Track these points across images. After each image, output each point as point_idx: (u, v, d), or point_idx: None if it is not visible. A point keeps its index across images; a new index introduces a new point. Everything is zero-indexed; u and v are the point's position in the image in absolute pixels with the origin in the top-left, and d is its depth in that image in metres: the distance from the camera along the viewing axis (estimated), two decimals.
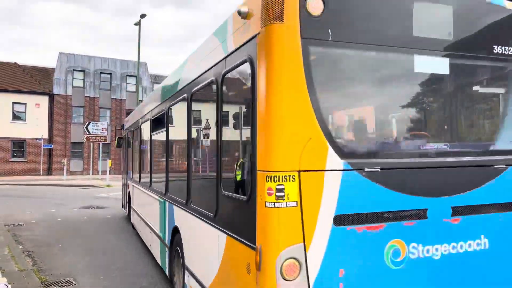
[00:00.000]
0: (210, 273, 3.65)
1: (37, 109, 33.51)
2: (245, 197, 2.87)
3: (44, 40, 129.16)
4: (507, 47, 3.29)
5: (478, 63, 3.31)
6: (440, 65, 3.11)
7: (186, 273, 4.55)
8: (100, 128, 29.04)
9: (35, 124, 33.21)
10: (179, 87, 5.07)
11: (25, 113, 33.24)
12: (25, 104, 33.09)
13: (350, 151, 2.81)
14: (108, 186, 23.39)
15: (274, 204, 2.53)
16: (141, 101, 35.37)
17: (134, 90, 35.59)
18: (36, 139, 33.00)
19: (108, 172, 25.15)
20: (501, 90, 3.54)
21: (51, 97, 34.01)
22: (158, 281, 6.04)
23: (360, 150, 2.92)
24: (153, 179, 6.94)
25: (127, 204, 11.03)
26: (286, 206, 2.54)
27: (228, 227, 3.24)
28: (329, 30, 2.72)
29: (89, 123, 28.98)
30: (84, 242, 8.78)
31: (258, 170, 2.67)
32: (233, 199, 3.21)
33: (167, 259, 5.56)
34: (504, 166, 3.18)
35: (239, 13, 2.92)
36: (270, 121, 2.59)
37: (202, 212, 3.94)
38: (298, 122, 2.58)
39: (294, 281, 2.53)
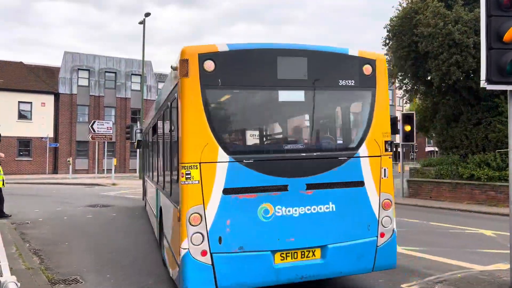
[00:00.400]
0: (170, 232, 5.45)
1: (43, 108, 33.66)
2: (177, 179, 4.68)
3: (49, 39, 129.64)
4: (349, 80, 5.00)
5: (327, 93, 5.14)
6: (297, 96, 4.99)
7: (163, 237, 6.36)
8: (105, 127, 29.14)
9: (41, 123, 33.36)
10: (159, 104, 7.20)
11: (30, 112, 33.40)
12: (30, 103, 33.25)
13: (234, 150, 4.64)
14: (113, 184, 23.44)
15: (185, 182, 4.38)
16: (145, 100, 35.53)
17: (139, 89, 35.65)
18: (42, 138, 33.15)
19: (113, 171, 25.22)
20: (343, 108, 5.50)
21: (57, 96, 34.14)
22: (165, 280, 6.03)
23: (240, 150, 4.85)
24: (153, 174, 8.80)
25: (144, 196, 12.85)
26: (192, 183, 4.38)
27: (174, 200, 5.02)
28: (219, 80, 4.53)
29: (94, 122, 29.08)
30: (90, 240, 8.79)
31: (179, 163, 4.49)
32: (176, 182, 4.82)
33: (158, 232, 7.45)
34: (345, 158, 4.97)
35: (171, 67, 4.94)
36: (183, 135, 4.43)
37: (167, 193, 5.89)
38: (199, 135, 4.41)
39: (197, 226, 4.37)
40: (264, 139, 5.42)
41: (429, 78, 17.76)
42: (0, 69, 33.10)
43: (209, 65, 4.48)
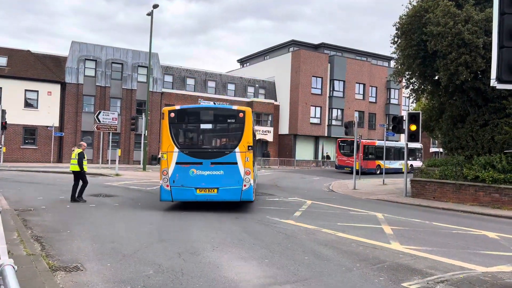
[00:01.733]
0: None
1: (49, 97, 33.73)
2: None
3: (56, 28, 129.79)
4: (232, 119, 11.88)
5: (221, 125, 12.56)
6: (208, 126, 12.31)
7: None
8: (111, 117, 29.16)
9: (47, 112, 33.45)
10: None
11: (37, 100, 33.48)
12: (37, 91, 33.32)
13: (181, 147, 11.52)
14: (117, 175, 23.50)
15: (162, 158, 11.57)
16: (151, 92, 35.57)
17: (145, 80, 35.62)
18: (48, 126, 33.24)
19: (117, 162, 25.27)
20: (229, 131, 12.51)
21: (63, 85, 34.20)
22: (165, 270, 6.03)
23: (183, 147, 11.62)
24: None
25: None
26: (163, 159, 11.48)
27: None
28: (175, 120, 11.61)
29: (99, 112, 29.12)
30: (92, 229, 8.81)
31: (161, 152, 11.76)
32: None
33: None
34: (229, 152, 11.52)
35: (161, 114, 13.80)
36: (162, 140, 11.74)
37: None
38: (167, 141, 11.48)
39: (165, 176, 11.35)
40: (194, 143, 12.53)
41: (436, 77, 17.62)
42: (7, 57, 33.18)
43: (172, 115, 11.56)
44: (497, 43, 4.96)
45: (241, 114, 11.52)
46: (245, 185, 11.27)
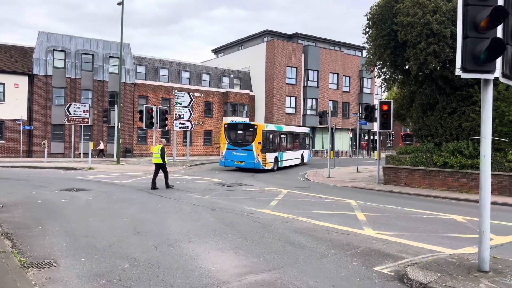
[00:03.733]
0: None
1: (16, 90, 32.54)
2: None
3: (23, 18, 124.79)
4: (251, 128, 23.79)
5: (247, 131, 24.15)
6: (240, 132, 24.34)
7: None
8: (82, 110, 28.46)
9: (14, 104, 32.30)
10: None
11: (3, 93, 32.24)
12: (3, 84, 32.07)
13: (229, 141, 23.97)
14: (90, 168, 23.05)
15: (220, 145, 25.62)
16: (124, 83, 34.88)
17: (117, 72, 34.85)
18: (16, 120, 32.14)
19: (90, 155, 24.76)
20: (249, 134, 23.96)
21: (31, 77, 33.04)
22: (141, 263, 6.01)
23: (230, 142, 23.95)
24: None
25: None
26: (220, 145, 25.36)
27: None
28: (227, 127, 24.92)
29: (70, 105, 28.36)
30: (65, 224, 8.65)
31: (221, 143, 25.06)
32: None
33: None
34: (250, 143, 23.31)
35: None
36: (221, 138, 24.92)
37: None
38: (223, 139, 24.25)
39: (222, 154, 24.34)
40: (234, 139, 23.96)
41: (407, 67, 18.01)
42: None
43: (226, 126, 24.46)
44: (461, 33, 5.13)
45: (255, 126, 23.66)
46: (256, 161, 23.04)
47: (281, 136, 26.94)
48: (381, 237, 7.90)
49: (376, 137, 20.79)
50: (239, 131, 23.90)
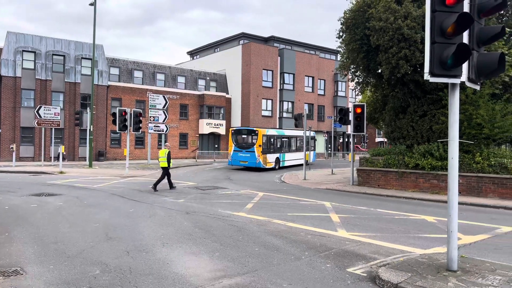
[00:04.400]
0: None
1: None
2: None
3: None
4: (253, 134, 27.64)
5: (249, 137, 28.31)
6: (244, 137, 28.58)
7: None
8: (53, 112, 27.71)
9: None
10: None
11: None
12: None
13: (235, 144, 28.05)
14: (61, 173, 22.44)
15: (229, 148, 29.04)
16: (96, 85, 34.15)
17: (89, 73, 34.13)
18: None
19: (61, 159, 24.11)
20: (251, 140, 28.16)
21: None
22: (113, 269, 5.88)
23: (235, 145, 28.02)
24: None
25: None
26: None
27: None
28: (234, 133, 29.11)
29: (40, 107, 27.56)
30: (33, 230, 8.37)
31: (229, 145, 29.12)
32: None
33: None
34: (252, 146, 27.21)
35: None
36: (229, 142, 29.00)
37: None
38: (231, 142, 28.44)
39: (230, 156, 28.48)
40: (240, 142, 28.10)
41: (379, 71, 18.37)
42: None
43: (232, 131, 28.65)
44: (429, 39, 5.27)
45: (256, 131, 27.32)
46: (257, 161, 26.75)
47: (283, 139, 30.80)
48: (354, 239, 8.01)
49: (351, 140, 21.13)
50: (243, 136, 28.48)
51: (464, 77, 5.40)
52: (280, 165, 29.24)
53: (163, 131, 30.26)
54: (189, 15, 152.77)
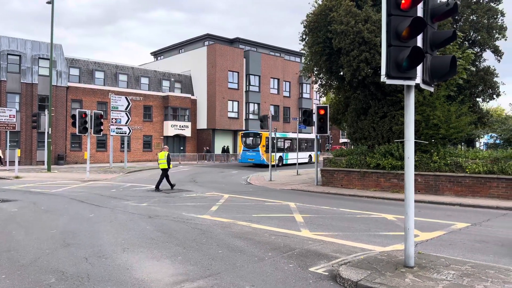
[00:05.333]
0: None
1: None
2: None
3: None
4: (258, 136, 33.52)
5: (254, 138, 34.12)
6: (250, 139, 34.34)
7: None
8: (7, 114, 26.51)
9: None
10: None
11: None
12: None
13: (244, 145, 33.85)
14: (16, 177, 21.45)
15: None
16: (55, 86, 32.90)
17: (47, 74, 32.85)
18: None
19: (16, 163, 23.04)
20: (256, 141, 33.95)
21: None
22: (70, 276, 5.66)
23: (245, 145, 33.90)
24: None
25: None
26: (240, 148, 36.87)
27: None
28: (242, 136, 35.22)
29: None
30: None
31: (239, 146, 35.54)
32: None
33: None
34: (257, 146, 33.13)
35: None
36: (239, 144, 36.24)
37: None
38: (240, 143, 34.75)
39: (239, 155, 34.96)
40: (248, 144, 33.86)
41: (341, 73, 18.77)
42: None
43: (241, 135, 35.06)
44: (386, 42, 5.43)
45: (261, 134, 32.55)
46: (262, 158, 31.94)
47: (286, 141, 36.62)
48: (317, 238, 8.11)
49: (315, 141, 21.57)
50: (250, 138, 34.24)
51: (419, 79, 5.60)
52: (283, 163, 35.01)
53: (125, 133, 29.57)
54: (152, 15, 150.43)
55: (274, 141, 32.12)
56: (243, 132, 35.93)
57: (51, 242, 7.66)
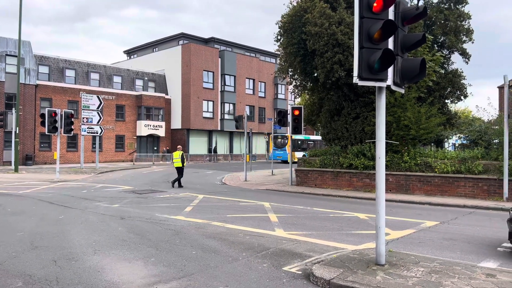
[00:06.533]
0: None
1: None
2: None
3: None
4: (285, 138, 38.86)
5: (282, 140, 40.71)
6: (279, 139, 41.62)
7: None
8: None
9: None
10: None
11: None
12: None
13: (274, 145, 40.35)
14: None
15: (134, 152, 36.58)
16: (23, 84, 31.80)
17: (15, 71, 31.73)
18: None
19: None
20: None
21: None
22: (37, 280, 5.48)
23: (274, 146, 40.16)
24: None
25: None
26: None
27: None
28: (273, 138, 40.76)
29: None
30: None
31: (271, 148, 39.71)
32: None
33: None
34: (284, 146, 40.11)
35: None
36: (270, 144, 43.70)
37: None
38: (271, 144, 41.13)
39: (270, 154, 38.99)
40: (277, 145, 41.36)
41: (316, 74, 18.98)
42: None
43: (272, 137, 39.87)
44: (358, 44, 5.52)
45: (287, 136, 34.37)
46: (288, 156, 30.68)
47: (309, 142, 44.10)
48: (291, 237, 8.17)
49: (289, 141, 21.78)
50: (278, 139, 40.89)
51: (390, 81, 5.72)
52: None
53: (97, 133, 28.94)
54: (125, 13, 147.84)
55: (299, 142, 41.72)
56: (273, 135, 40.35)
57: (18, 245, 7.40)
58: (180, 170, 18.27)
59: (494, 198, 13.75)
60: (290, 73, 20.55)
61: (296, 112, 18.50)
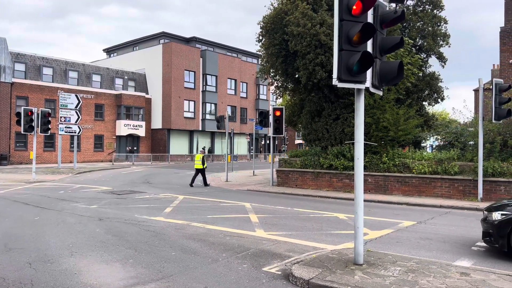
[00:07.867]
0: None
1: None
2: None
3: None
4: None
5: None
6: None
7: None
8: None
9: None
10: None
11: None
12: None
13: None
14: None
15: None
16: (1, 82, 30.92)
17: None
18: None
19: None
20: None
21: None
22: (11, 283, 5.34)
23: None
24: None
25: None
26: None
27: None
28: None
29: None
30: None
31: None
32: None
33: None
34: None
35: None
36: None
37: None
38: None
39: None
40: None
41: (297, 76, 19.09)
42: None
43: None
44: (337, 46, 5.58)
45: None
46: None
47: None
48: (271, 238, 8.19)
49: (270, 141, 21.82)
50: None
51: (368, 83, 5.81)
52: None
53: (75, 132, 28.42)
54: (105, 10, 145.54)
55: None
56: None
57: None
58: (199, 172, 19.58)
59: (469, 198, 14.10)
60: (272, 74, 20.62)
61: (278, 113, 18.57)
